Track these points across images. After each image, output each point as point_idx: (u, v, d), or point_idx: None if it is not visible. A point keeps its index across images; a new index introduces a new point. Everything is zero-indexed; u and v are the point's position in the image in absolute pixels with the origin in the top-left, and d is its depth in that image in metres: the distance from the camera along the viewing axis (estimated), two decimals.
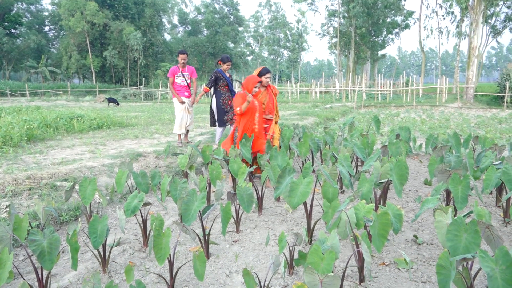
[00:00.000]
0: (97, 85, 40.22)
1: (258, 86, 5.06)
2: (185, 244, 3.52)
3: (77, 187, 4.29)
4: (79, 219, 4.04)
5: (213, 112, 6.99)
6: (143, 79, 41.04)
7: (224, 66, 6.89)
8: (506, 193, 4.04)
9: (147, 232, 3.49)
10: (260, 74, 5.55)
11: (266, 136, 5.60)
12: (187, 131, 7.38)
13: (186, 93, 7.18)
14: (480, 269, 2.36)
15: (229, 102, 6.97)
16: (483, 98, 23.16)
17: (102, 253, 2.97)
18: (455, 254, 2.21)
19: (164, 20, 54.92)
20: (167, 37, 58.35)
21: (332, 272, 2.33)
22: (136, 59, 44.88)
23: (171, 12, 57.45)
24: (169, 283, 2.70)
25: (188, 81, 7.19)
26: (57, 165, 5.45)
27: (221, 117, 6.90)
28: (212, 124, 7.04)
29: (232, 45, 57.99)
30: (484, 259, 1.87)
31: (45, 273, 2.73)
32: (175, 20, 60.42)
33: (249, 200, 3.59)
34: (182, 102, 7.07)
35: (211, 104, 7.03)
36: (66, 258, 3.24)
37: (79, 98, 34.63)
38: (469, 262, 2.26)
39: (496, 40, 34.43)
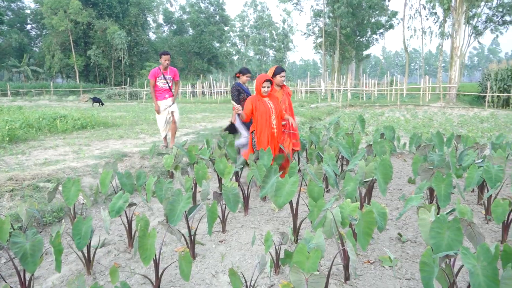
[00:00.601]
0: (81, 85, 39.71)
1: (267, 86, 4.61)
2: (171, 244, 3.50)
3: (60, 188, 4.24)
4: (63, 220, 3.99)
5: (234, 127, 6.31)
6: (128, 78, 40.59)
7: (243, 78, 6.33)
8: (488, 190, 4.12)
9: (132, 233, 3.46)
10: (274, 74, 5.25)
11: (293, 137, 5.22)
12: (175, 132, 7.09)
13: (167, 95, 6.89)
14: (462, 265, 2.40)
15: None
16: (465, 97, 23.54)
17: (86, 255, 2.94)
18: (438, 251, 2.24)
19: (149, 19, 54.51)
20: (152, 36, 57.90)
21: (318, 270, 2.34)
22: (120, 58, 44.43)
23: (156, 11, 57.04)
24: (154, 284, 2.69)
25: (170, 84, 6.88)
26: (40, 166, 5.37)
27: (248, 125, 6.02)
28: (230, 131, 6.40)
29: (218, 44, 57.80)
30: (466, 256, 1.90)
31: (28, 275, 2.68)
32: (160, 19, 60.05)
33: (235, 200, 3.59)
34: (157, 111, 6.84)
35: (232, 120, 6.35)
36: (50, 260, 3.19)
37: (63, 98, 34.14)
38: (452, 259, 2.29)
39: (478, 41, 35.04)
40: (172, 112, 6.95)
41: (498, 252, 2.09)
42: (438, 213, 3.68)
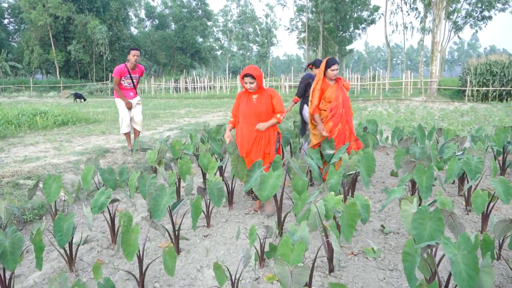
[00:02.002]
0: (61, 81, 38.97)
1: (249, 82, 3.81)
2: (155, 240, 3.47)
3: (41, 185, 4.16)
4: (44, 217, 3.92)
5: (305, 122, 6.04)
6: (110, 74, 39.98)
7: (315, 71, 5.73)
8: (468, 182, 4.19)
9: (116, 229, 3.42)
10: (326, 66, 4.76)
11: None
12: (138, 133, 6.42)
13: (132, 93, 6.23)
14: (443, 255, 2.44)
15: None
16: (446, 92, 23.90)
17: (68, 252, 2.89)
18: (420, 241, 2.27)
19: (130, 13, 53.68)
20: (134, 31, 57.09)
21: (302, 263, 2.35)
22: (102, 53, 43.73)
23: (138, 6, 56.25)
24: (138, 280, 2.66)
25: (136, 83, 6.24)
26: (19, 163, 5.26)
27: None
28: (303, 134, 6.17)
29: (201, 39, 57.37)
30: (447, 245, 1.93)
31: (8, 274, 2.63)
32: (142, 13, 59.25)
33: (219, 195, 3.58)
34: (130, 108, 6.15)
35: (301, 113, 6.13)
36: (31, 258, 3.14)
37: (43, 94, 33.49)
38: (434, 249, 2.33)
39: (458, 36, 35.58)
40: (134, 116, 6.28)
41: (478, 241, 2.13)
42: (420, 205, 3.73)
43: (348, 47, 45.40)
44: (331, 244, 2.66)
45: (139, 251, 2.59)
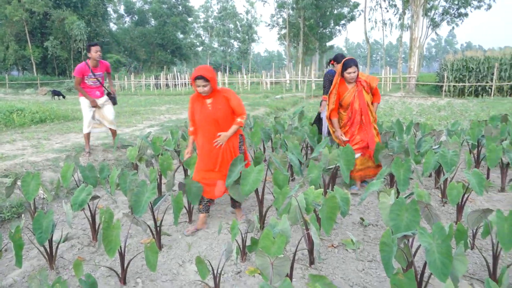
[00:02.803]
0: (38, 77, 38.12)
1: (202, 85, 3.27)
2: (136, 236, 3.47)
3: (19, 182, 4.09)
4: (23, 215, 3.86)
5: (321, 120, 5.80)
6: None
7: (338, 67, 5.28)
8: (444, 175, 4.30)
9: (96, 227, 3.40)
10: (342, 68, 4.36)
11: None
12: (115, 134, 6.11)
13: (98, 93, 5.82)
14: (420, 246, 2.52)
15: None
16: (424, 87, 24.34)
17: (48, 249, 2.87)
18: (397, 232, 2.34)
19: (109, 9, 52.83)
20: (113, 27, 56.23)
21: (283, 255, 2.39)
22: (80, 50, 42.94)
23: (117, 1, 55.41)
24: (120, 276, 2.67)
25: (102, 81, 5.83)
26: None
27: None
28: (320, 132, 5.89)
29: (181, 35, 56.89)
30: (423, 235, 2.00)
31: None
32: (121, 9, 58.39)
33: (197, 192, 3.48)
34: (96, 106, 5.75)
35: (319, 112, 5.93)
36: (10, 257, 3.10)
37: (19, 91, 32.71)
38: (410, 240, 2.40)
39: (435, 32, 36.22)
40: (103, 117, 5.91)
41: (452, 231, 2.21)
42: (397, 197, 3.82)
43: (328, 44, 45.68)
44: (311, 236, 2.71)
45: (120, 247, 2.59)
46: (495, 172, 5.19)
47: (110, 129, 6.04)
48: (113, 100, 5.99)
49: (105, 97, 5.90)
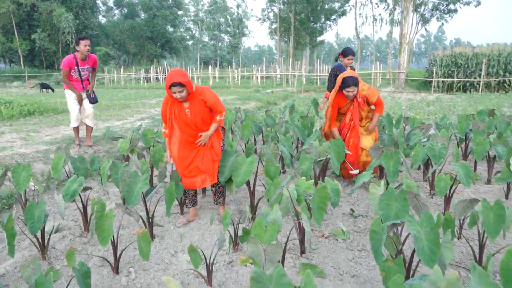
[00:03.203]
0: (26, 70, 37.62)
1: (178, 91, 3.11)
2: (128, 227, 3.48)
3: (9, 174, 4.08)
4: (14, 206, 3.84)
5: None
6: None
7: (345, 61, 5.29)
8: (432, 167, 4.38)
9: (88, 218, 3.40)
10: (341, 85, 4.21)
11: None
12: (90, 131, 6.00)
13: (83, 86, 5.75)
14: (408, 235, 2.58)
15: None
16: (413, 83, 24.54)
17: (40, 240, 2.87)
18: (387, 221, 2.39)
19: (98, 1, 52.20)
20: (102, 19, 55.58)
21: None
22: (68, 42, 42.40)
23: None
24: (113, 265, 2.68)
25: (85, 76, 5.71)
26: None
27: None
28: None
29: (171, 29, 56.46)
30: (411, 223, 2.05)
31: None
32: (110, 2, 57.70)
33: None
34: (80, 99, 5.68)
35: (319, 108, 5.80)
36: (1, 247, 3.09)
37: (6, 83, 32.24)
38: (399, 228, 2.45)
39: (425, 28, 36.48)
40: (85, 110, 5.84)
41: (440, 220, 2.27)
42: (387, 188, 3.88)
43: (319, 38, 45.76)
44: (302, 226, 2.75)
45: (113, 237, 2.60)
46: (482, 165, 5.29)
47: (86, 125, 5.90)
48: (92, 99, 5.82)
49: (85, 93, 5.79)
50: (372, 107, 4.52)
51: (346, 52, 5.23)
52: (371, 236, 2.19)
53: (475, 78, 20.96)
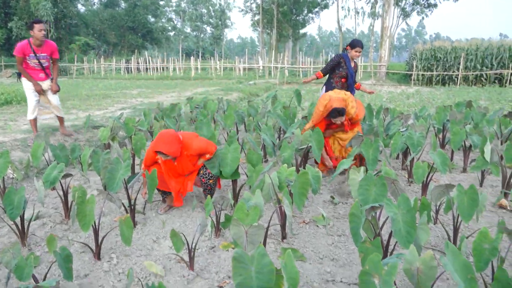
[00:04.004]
0: (2, 59, 36.64)
1: (163, 156, 3.17)
2: (110, 215, 3.47)
3: None
4: None
5: None
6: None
7: (352, 53, 5.08)
8: (410, 156, 4.48)
9: (69, 205, 3.38)
10: (329, 114, 4.06)
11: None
12: (62, 121, 5.78)
13: (42, 75, 5.37)
14: (387, 219, 2.65)
15: None
16: (394, 76, 24.84)
17: (20, 227, 2.84)
18: (366, 205, 2.45)
19: None
20: (81, 8, 54.36)
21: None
22: (47, 31, 41.46)
23: None
24: (94, 251, 2.68)
25: (46, 64, 5.36)
26: None
27: None
28: None
29: (153, 19, 55.64)
30: (389, 206, 2.11)
31: None
32: None
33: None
34: (40, 91, 5.33)
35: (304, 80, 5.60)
36: None
37: None
38: (378, 212, 2.52)
39: (406, 22, 36.95)
40: (49, 102, 5.55)
41: (416, 204, 2.34)
42: None
43: (301, 31, 45.85)
44: (284, 212, 2.79)
45: (94, 222, 2.60)
46: (458, 155, 5.42)
47: (58, 116, 5.67)
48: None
49: (49, 82, 5.45)
50: None
51: (355, 44, 4.97)
52: (350, 219, 2.24)
53: (453, 71, 21.35)
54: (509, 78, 19.32)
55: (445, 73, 21.28)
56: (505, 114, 6.43)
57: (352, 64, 5.16)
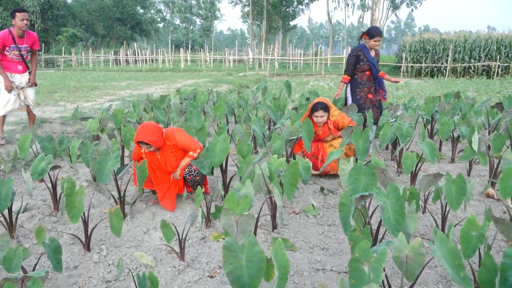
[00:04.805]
0: None
1: (146, 147, 3.23)
2: (99, 207, 3.45)
3: None
4: None
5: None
6: (43, 44, 37.49)
7: (371, 43, 4.64)
8: (400, 146, 4.51)
9: (58, 197, 3.35)
10: (311, 110, 4.11)
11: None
12: (33, 119, 5.36)
13: (20, 67, 5.03)
14: (376, 208, 2.67)
15: (370, 96, 4.85)
16: (383, 68, 24.92)
17: (8, 219, 2.81)
18: (355, 194, 2.47)
19: None
20: None
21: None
22: (33, 22, 40.76)
23: None
24: (84, 243, 2.66)
25: (26, 55, 5.05)
26: None
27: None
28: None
29: (141, 11, 54.98)
30: (378, 195, 2.12)
31: None
32: None
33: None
34: (10, 88, 4.85)
35: (345, 99, 5.14)
36: None
37: None
38: (367, 202, 2.54)
39: (395, 14, 37.06)
40: (25, 97, 5.16)
41: (405, 193, 2.36)
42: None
43: (291, 23, 45.78)
44: (274, 202, 2.80)
45: (84, 214, 2.58)
46: (446, 146, 5.48)
47: (29, 112, 5.27)
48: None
49: (27, 74, 5.11)
50: None
51: (373, 33, 4.55)
52: (340, 208, 2.26)
53: (442, 63, 21.51)
54: (496, 70, 19.52)
55: (434, 65, 21.43)
56: (492, 105, 6.52)
57: (373, 54, 4.77)
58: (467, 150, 3.79)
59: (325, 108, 4.09)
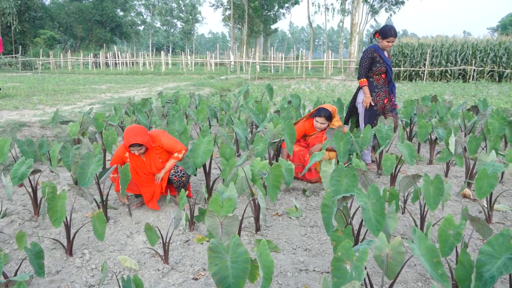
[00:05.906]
0: None
1: (137, 150, 3.20)
2: (81, 211, 3.41)
3: None
4: None
5: (359, 114, 4.74)
6: (20, 47, 36.72)
7: (384, 43, 4.34)
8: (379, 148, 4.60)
9: (38, 201, 3.30)
10: (314, 115, 4.14)
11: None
12: None
13: None
14: (357, 209, 2.73)
15: (385, 101, 4.55)
16: None
17: None
18: (337, 195, 2.52)
19: None
20: (46, 1, 52.59)
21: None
22: (9, 24, 39.90)
23: None
24: (66, 247, 2.64)
25: None
26: None
27: (372, 121, 4.57)
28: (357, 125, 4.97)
29: (121, 13, 54.44)
30: (359, 195, 2.18)
31: None
32: None
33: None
34: None
35: (354, 102, 4.87)
36: None
37: None
38: (349, 202, 2.59)
39: (375, 19, 37.61)
40: None
41: (385, 194, 2.42)
42: None
43: (273, 26, 46.00)
44: (257, 204, 2.83)
45: (66, 218, 2.56)
46: (424, 148, 5.61)
47: None
48: None
49: None
50: None
51: (387, 33, 4.23)
52: (322, 209, 2.30)
53: (420, 67, 21.94)
54: (472, 74, 20.03)
55: (412, 69, 21.84)
56: (468, 108, 6.71)
57: (386, 55, 4.52)
58: (444, 152, 3.90)
59: (328, 117, 4.08)
